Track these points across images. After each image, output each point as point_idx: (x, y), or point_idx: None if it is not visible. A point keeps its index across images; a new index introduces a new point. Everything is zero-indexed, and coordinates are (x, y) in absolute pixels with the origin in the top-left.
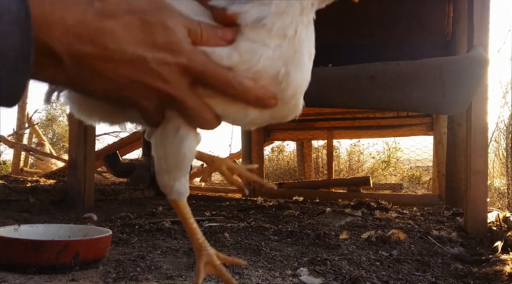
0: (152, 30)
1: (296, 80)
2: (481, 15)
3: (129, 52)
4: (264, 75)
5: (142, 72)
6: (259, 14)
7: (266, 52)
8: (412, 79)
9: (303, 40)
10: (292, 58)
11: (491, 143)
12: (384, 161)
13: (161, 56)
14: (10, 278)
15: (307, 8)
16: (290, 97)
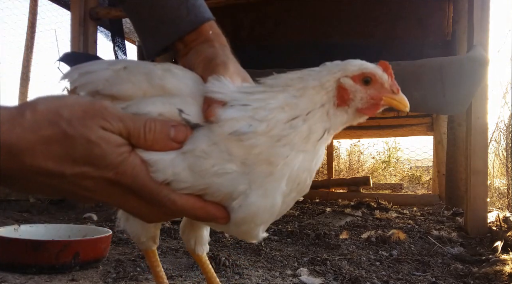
0: (73, 144)
1: (254, 206)
2: (481, 15)
3: (47, 168)
4: (215, 192)
5: (65, 184)
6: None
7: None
8: (413, 79)
9: (291, 167)
10: (262, 182)
11: (491, 143)
12: (384, 161)
13: (83, 170)
14: (10, 278)
15: (316, 134)
16: (240, 222)
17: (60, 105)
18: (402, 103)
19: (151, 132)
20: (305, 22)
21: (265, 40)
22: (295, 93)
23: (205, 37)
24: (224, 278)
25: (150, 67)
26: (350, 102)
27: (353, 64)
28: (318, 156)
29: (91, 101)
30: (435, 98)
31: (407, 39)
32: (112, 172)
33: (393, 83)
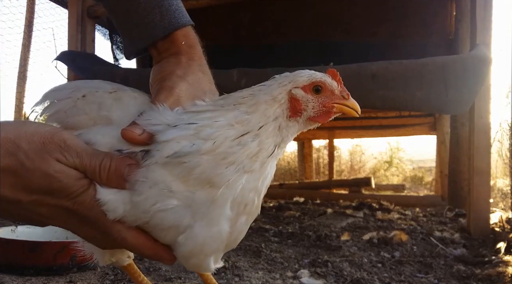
0: (31, 176)
1: (199, 237)
2: (484, 14)
3: (4, 195)
4: (159, 226)
5: (21, 210)
6: (181, 148)
7: (167, 201)
8: (415, 78)
9: (234, 189)
10: (205, 211)
11: (494, 143)
12: (386, 161)
13: (40, 198)
14: (7, 279)
15: (265, 152)
16: (189, 255)
17: (19, 135)
18: (353, 108)
19: (105, 171)
20: (306, 21)
21: (265, 40)
22: (247, 109)
23: (176, 49)
24: (223, 280)
25: (104, 96)
26: (302, 112)
27: (302, 75)
28: (266, 173)
29: (51, 132)
30: (437, 97)
31: (410, 38)
32: (70, 201)
33: (342, 89)
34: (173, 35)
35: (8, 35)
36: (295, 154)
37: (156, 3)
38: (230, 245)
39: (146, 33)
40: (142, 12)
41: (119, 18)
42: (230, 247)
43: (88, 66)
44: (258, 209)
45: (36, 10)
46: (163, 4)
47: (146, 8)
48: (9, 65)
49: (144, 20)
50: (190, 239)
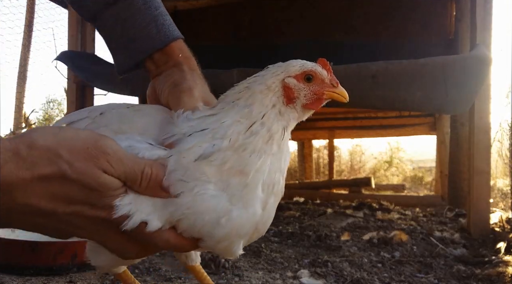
0: (71, 186)
1: (238, 219)
2: (484, 14)
3: (39, 207)
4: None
5: (54, 222)
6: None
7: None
8: (415, 78)
9: (262, 172)
10: (240, 195)
11: (494, 143)
12: (386, 161)
13: (77, 209)
14: (7, 279)
15: (277, 134)
16: (224, 238)
17: (59, 142)
18: (342, 95)
19: (146, 179)
20: (306, 21)
21: (266, 40)
22: (245, 102)
23: (175, 61)
24: (223, 280)
25: (122, 110)
26: (296, 99)
27: (294, 64)
28: (285, 154)
29: (94, 138)
30: (437, 97)
31: (410, 38)
32: (105, 212)
33: (332, 77)
34: (169, 48)
35: (8, 35)
36: (295, 154)
37: (151, 18)
38: (259, 229)
39: (144, 46)
40: (138, 27)
41: (114, 35)
42: (259, 233)
43: (88, 66)
44: (283, 189)
45: (36, 10)
46: (158, 19)
47: (142, 23)
48: (9, 65)
49: (140, 34)
50: (229, 221)
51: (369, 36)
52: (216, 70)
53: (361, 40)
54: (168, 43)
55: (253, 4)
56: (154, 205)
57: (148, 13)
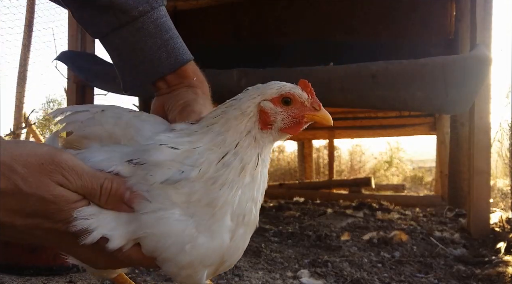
0: (27, 200)
1: (203, 247)
2: (484, 13)
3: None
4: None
5: (15, 233)
6: (175, 176)
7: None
8: (415, 78)
9: (232, 203)
10: (206, 223)
11: (494, 143)
12: (386, 161)
13: (35, 222)
14: (7, 279)
15: (250, 164)
16: (187, 265)
17: (15, 157)
18: (325, 118)
19: (106, 194)
20: (306, 21)
21: (266, 40)
22: (220, 129)
23: (189, 83)
24: (223, 280)
25: (123, 112)
26: (272, 123)
27: (271, 87)
28: (259, 182)
29: (50, 153)
30: (437, 97)
31: (410, 38)
32: (65, 225)
33: (313, 100)
34: (182, 70)
35: (8, 35)
36: (295, 154)
37: (162, 42)
38: (226, 260)
39: (153, 70)
40: (149, 51)
41: (123, 55)
42: (226, 264)
43: (88, 66)
44: (255, 220)
45: (36, 10)
46: (168, 43)
47: (152, 47)
48: (9, 65)
49: (150, 58)
50: (194, 248)
51: (369, 36)
52: (216, 70)
53: (361, 40)
54: (178, 67)
55: (253, 4)
56: (117, 220)
57: (159, 36)
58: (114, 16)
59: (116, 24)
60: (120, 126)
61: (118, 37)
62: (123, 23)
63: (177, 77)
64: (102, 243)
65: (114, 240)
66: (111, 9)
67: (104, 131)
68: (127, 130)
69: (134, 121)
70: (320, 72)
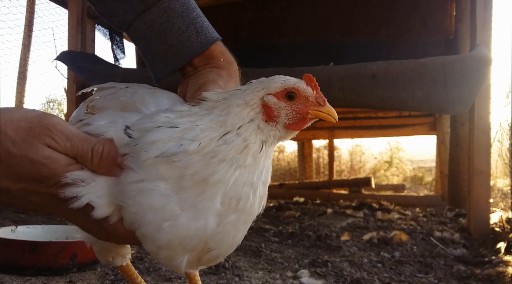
0: (18, 163)
1: (183, 228)
2: (484, 14)
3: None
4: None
5: (12, 198)
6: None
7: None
8: (415, 78)
9: (225, 182)
10: (193, 201)
11: (494, 143)
12: (386, 161)
13: (30, 186)
14: (7, 279)
15: (254, 145)
16: (165, 245)
17: (5, 122)
18: (330, 114)
19: (98, 155)
20: (306, 21)
21: (265, 40)
22: (221, 112)
23: (216, 64)
24: (223, 280)
25: (141, 88)
26: (276, 118)
27: (275, 81)
28: (262, 168)
29: (39, 116)
30: (437, 97)
31: (410, 38)
32: (57, 190)
33: (318, 95)
34: (209, 51)
35: (8, 35)
36: (295, 154)
37: (190, 21)
38: (211, 248)
39: (184, 51)
40: (177, 32)
41: (151, 42)
42: (212, 254)
43: (88, 66)
44: (253, 208)
45: (36, 10)
46: (196, 21)
47: (181, 27)
48: (9, 65)
49: (180, 39)
50: (174, 227)
51: (369, 36)
52: None
53: (361, 40)
54: (208, 46)
55: (253, 4)
56: (106, 188)
57: (187, 15)
58: (139, 0)
59: (142, 7)
60: (131, 99)
61: (144, 22)
62: (149, 5)
63: (204, 59)
64: (90, 210)
65: (99, 209)
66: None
67: (118, 102)
68: (136, 103)
69: (146, 96)
70: (320, 72)
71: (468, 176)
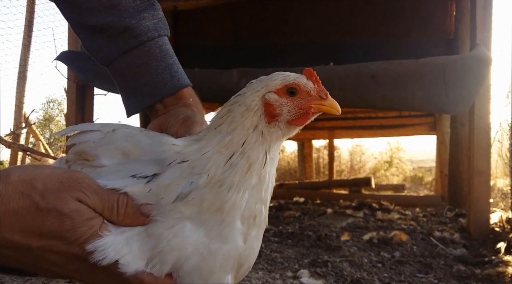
0: (44, 217)
1: (218, 252)
2: (483, 14)
3: (13, 240)
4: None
5: (31, 257)
6: (185, 189)
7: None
8: (415, 78)
9: (240, 207)
10: (217, 230)
11: (494, 143)
12: (386, 161)
13: (51, 243)
14: (8, 279)
15: (257, 162)
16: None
17: (35, 176)
18: (333, 107)
19: (123, 206)
20: (306, 21)
21: (266, 39)
22: (227, 129)
23: (185, 102)
24: None
25: (133, 130)
26: (278, 116)
27: (275, 78)
28: (268, 182)
29: (69, 172)
30: (438, 97)
31: (410, 37)
32: (79, 247)
33: (320, 89)
34: (181, 92)
35: (8, 35)
36: (295, 154)
37: (166, 65)
38: (243, 264)
39: (157, 91)
40: (153, 73)
41: (128, 79)
42: (244, 268)
43: (88, 66)
44: (266, 220)
45: (36, 10)
46: (172, 67)
47: (157, 70)
48: (9, 65)
49: (154, 79)
50: (211, 254)
51: (370, 36)
52: (216, 70)
53: (362, 40)
54: (180, 89)
55: (253, 4)
56: (133, 242)
57: (163, 60)
58: (123, 41)
59: (125, 48)
60: (131, 142)
61: (125, 61)
62: (132, 47)
63: (174, 99)
64: (116, 267)
65: (132, 263)
66: (123, 34)
67: (116, 148)
68: (138, 146)
69: (144, 138)
70: (320, 72)
71: (468, 176)
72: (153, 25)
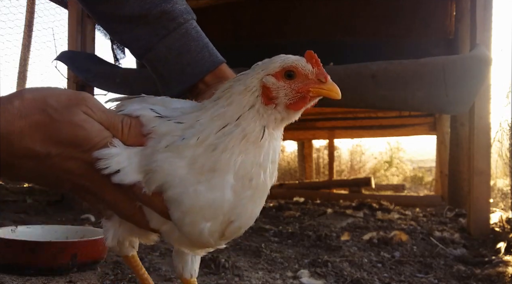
0: (59, 127)
1: (202, 196)
2: (484, 13)
3: (34, 149)
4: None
5: (50, 167)
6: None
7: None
8: (415, 78)
9: (233, 164)
10: (207, 177)
11: (494, 143)
12: (386, 161)
13: (67, 150)
14: (7, 279)
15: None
16: (187, 211)
17: (47, 94)
18: (333, 91)
19: (127, 126)
20: (306, 21)
21: (266, 39)
22: (224, 103)
23: (225, 78)
24: (223, 280)
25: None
26: (275, 99)
27: (274, 61)
28: (267, 149)
29: (76, 92)
30: (438, 97)
31: (410, 37)
32: (92, 155)
33: (319, 71)
34: (219, 70)
35: (8, 35)
36: (295, 154)
37: (204, 44)
38: (233, 220)
39: (198, 69)
40: (193, 52)
41: (168, 63)
42: (234, 226)
43: (88, 66)
44: (265, 186)
45: (36, 10)
46: (208, 45)
47: (196, 49)
48: (9, 65)
49: (195, 58)
50: (196, 193)
51: (370, 36)
52: None
53: (362, 40)
54: (219, 64)
55: (253, 4)
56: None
57: (200, 40)
58: (162, 26)
59: (165, 32)
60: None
61: (165, 45)
62: (171, 30)
63: (215, 77)
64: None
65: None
66: (160, 19)
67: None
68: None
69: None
70: None
71: (468, 176)
72: (185, 8)
